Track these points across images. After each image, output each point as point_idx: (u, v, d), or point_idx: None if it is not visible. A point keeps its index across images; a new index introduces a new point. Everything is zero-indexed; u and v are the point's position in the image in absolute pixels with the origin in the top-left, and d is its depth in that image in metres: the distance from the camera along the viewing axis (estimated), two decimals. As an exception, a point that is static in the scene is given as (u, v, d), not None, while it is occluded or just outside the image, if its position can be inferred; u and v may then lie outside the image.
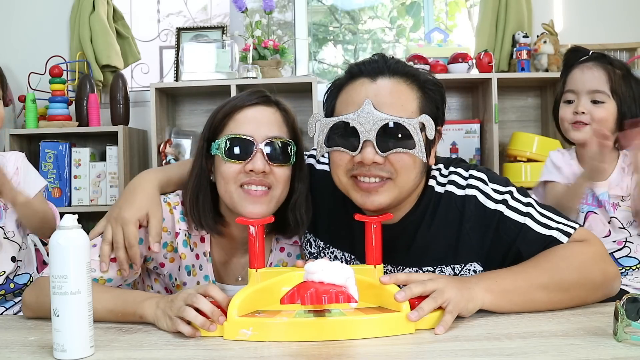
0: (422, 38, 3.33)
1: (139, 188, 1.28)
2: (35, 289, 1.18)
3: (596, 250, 1.18)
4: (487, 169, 1.29)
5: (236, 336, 0.97)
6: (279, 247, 1.40)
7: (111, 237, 1.20)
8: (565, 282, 1.11)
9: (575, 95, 1.58)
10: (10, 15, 3.09)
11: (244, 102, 1.25)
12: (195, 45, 2.84)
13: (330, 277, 0.94)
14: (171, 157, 2.78)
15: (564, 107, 1.61)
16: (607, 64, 1.56)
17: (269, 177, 1.22)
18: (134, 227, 1.21)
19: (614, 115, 1.54)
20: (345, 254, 1.35)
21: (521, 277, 1.11)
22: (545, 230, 1.18)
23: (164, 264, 1.31)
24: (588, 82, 1.56)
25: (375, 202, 1.17)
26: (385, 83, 1.17)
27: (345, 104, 1.19)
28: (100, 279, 1.20)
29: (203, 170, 1.28)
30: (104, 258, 1.19)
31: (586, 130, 1.55)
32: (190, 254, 1.32)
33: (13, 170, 1.56)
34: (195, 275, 1.33)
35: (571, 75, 1.61)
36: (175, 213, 1.30)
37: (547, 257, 1.15)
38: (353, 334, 0.96)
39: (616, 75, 1.54)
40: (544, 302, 1.10)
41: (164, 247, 1.29)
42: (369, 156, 1.13)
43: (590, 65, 1.58)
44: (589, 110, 1.55)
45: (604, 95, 1.54)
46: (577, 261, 1.13)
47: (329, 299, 0.92)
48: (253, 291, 1.06)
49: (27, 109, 2.77)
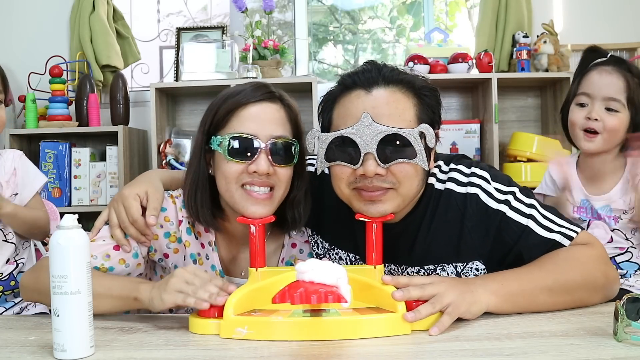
0: (422, 38, 3.33)
1: (141, 176, 1.35)
2: (35, 270, 1.20)
3: (598, 253, 1.18)
4: (490, 167, 1.28)
5: (232, 334, 0.97)
6: (290, 243, 1.39)
7: (116, 219, 1.23)
8: (569, 284, 1.11)
9: (590, 100, 1.51)
10: (10, 15, 3.09)
11: (248, 99, 1.23)
12: (195, 45, 2.85)
13: (321, 276, 0.94)
14: (171, 157, 2.78)
15: (576, 110, 1.54)
16: (627, 71, 1.49)
17: (272, 177, 1.21)
18: (134, 201, 1.22)
19: (625, 125, 1.48)
20: (349, 254, 1.35)
21: (526, 280, 1.10)
22: (548, 233, 1.18)
23: (168, 254, 1.30)
24: (605, 87, 1.49)
25: (380, 210, 1.16)
26: (381, 93, 1.16)
27: (343, 118, 1.18)
28: (102, 267, 1.21)
29: (201, 165, 1.27)
30: (121, 241, 1.23)
31: (597, 140, 1.49)
32: (195, 242, 1.31)
33: (10, 171, 1.55)
34: (202, 265, 1.32)
35: (587, 77, 1.53)
36: (178, 202, 1.31)
37: (551, 259, 1.15)
38: (348, 334, 0.96)
39: (634, 83, 1.48)
40: (547, 304, 1.10)
41: (166, 236, 1.29)
42: (371, 169, 1.12)
43: (609, 69, 1.50)
44: (601, 117, 1.48)
45: (619, 104, 1.47)
46: (580, 264, 1.13)
47: (318, 299, 0.92)
48: (250, 290, 1.06)
49: (27, 109, 2.77)
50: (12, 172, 1.55)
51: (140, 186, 1.27)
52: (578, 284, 1.11)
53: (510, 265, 1.16)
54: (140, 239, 1.25)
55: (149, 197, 1.25)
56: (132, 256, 1.25)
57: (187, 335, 1.01)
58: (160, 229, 1.28)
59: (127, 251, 1.24)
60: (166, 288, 1.04)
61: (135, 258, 1.25)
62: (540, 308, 1.10)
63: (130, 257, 1.25)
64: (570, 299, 1.11)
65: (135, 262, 1.26)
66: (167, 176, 1.39)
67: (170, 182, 1.37)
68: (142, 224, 1.23)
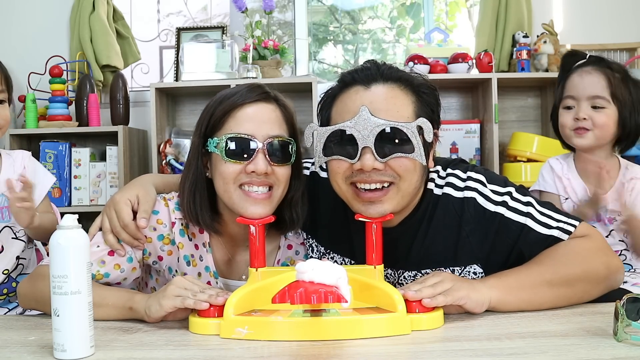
0: (422, 38, 3.33)
1: (133, 181, 1.35)
2: (32, 278, 1.21)
3: (598, 244, 1.18)
4: (486, 169, 1.28)
5: (232, 334, 0.97)
6: (286, 244, 1.39)
7: (109, 225, 1.23)
8: (570, 276, 1.11)
9: (575, 102, 1.56)
10: (10, 15, 3.09)
11: (244, 100, 1.23)
12: (195, 45, 2.84)
13: (321, 276, 0.94)
14: (171, 157, 2.78)
15: (564, 114, 1.59)
16: (606, 68, 1.54)
17: (270, 177, 1.21)
18: (125, 205, 1.23)
19: (614, 120, 1.53)
20: (345, 259, 1.35)
21: (524, 274, 1.12)
22: (546, 230, 1.19)
23: (162, 257, 1.30)
24: (588, 87, 1.54)
25: (380, 210, 1.16)
26: (380, 89, 1.16)
27: (341, 113, 1.18)
28: (97, 274, 1.21)
29: (199, 168, 1.27)
30: (115, 246, 1.23)
31: (589, 136, 1.55)
32: (188, 244, 1.31)
33: (20, 170, 1.56)
34: (196, 266, 1.32)
35: (570, 81, 1.59)
36: (170, 204, 1.31)
37: (550, 254, 1.16)
38: (348, 334, 0.97)
39: (615, 79, 1.53)
40: (549, 297, 1.10)
41: (160, 239, 1.29)
42: (369, 163, 1.13)
43: (589, 69, 1.56)
44: (589, 116, 1.53)
45: (604, 100, 1.52)
46: (579, 256, 1.14)
47: (318, 299, 0.92)
48: (250, 290, 1.06)
49: (27, 109, 2.76)
50: (21, 171, 1.56)
51: (132, 191, 1.28)
52: (578, 276, 1.12)
53: (513, 266, 1.17)
54: (133, 243, 1.25)
55: (139, 201, 1.26)
56: (126, 260, 1.25)
57: (187, 335, 1.01)
58: (154, 231, 1.28)
59: (121, 255, 1.24)
60: (165, 294, 1.05)
61: (130, 262, 1.26)
62: (542, 301, 1.10)
63: (125, 261, 1.25)
64: (571, 291, 1.12)
65: (130, 267, 1.26)
66: (160, 181, 1.40)
67: (163, 187, 1.38)
68: (134, 228, 1.23)
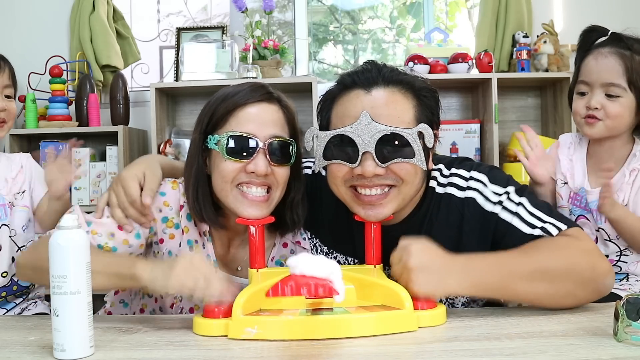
0: (422, 38, 3.32)
1: (140, 159, 1.35)
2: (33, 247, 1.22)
3: (585, 244, 1.13)
4: (491, 169, 1.27)
5: (241, 335, 0.97)
6: (282, 242, 1.39)
7: (116, 200, 1.23)
8: (549, 272, 1.06)
9: (589, 87, 1.42)
10: (11, 15, 3.09)
11: (247, 99, 1.22)
12: (195, 45, 2.84)
13: (312, 270, 0.96)
14: (171, 157, 2.78)
15: (577, 100, 1.45)
16: (626, 50, 1.38)
17: (269, 178, 1.21)
18: (132, 182, 1.23)
19: (630, 109, 1.39)
20: (348, 258, 1.35)
21: (496, 267, 1.06)
22: (529, 229, 1.16)
23: (163, 239, 1.29)
24: (603, 73, 1.39)
25: (380, 215, 1.16)
26: (380, 94, 1.16)
27: (342, 117, 1.17)
28: (105, 246, 1.20)
29: (200, 164, 1.27)
30: (122, 221, 1.22)
31: (599, 125, 1.41)
32: (193, 229, 1.30)
33: (17, 168, 1.56)
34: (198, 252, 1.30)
35: (585, 64, 1.44)
36: (181, 187, 1.30)
37: (529, 247, 1.11)
38: (357, 332, 0.97)
39: (635, 62, 1.37)
40: (526, 292, 1.06)
41: (164, 221, 1.28)
42: (370, 169, 1.12)
43: (605, 52, 1.40)
44: (602, 104, 1.39)
45: (620, 89, 1.38)
46: (562, 252, 1.09)
47: (308, 291, 0.95)
48: (257, 290, 1.06)
49: (27, 109, 2.76)
50: (18, 170, 1.56)
51: (139, 167, 1.27)
52: (559, 273, 1.06)
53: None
54: (139, 220, 1.24)
55: (146, 178, 1.25)
56: (134, 236, 1.24)
57: (187, 336, 1.01)
58: (159, 213, 1.28)
59: (129, 231, 1.23)
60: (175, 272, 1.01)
61: (138, 239, 1.25)
62: (518, 295, 1.07)
63: (132, 237, 1.24)
64: (552, 288, 1.06)
65: (138, 243, 1.25)
66: (168, 163, 1.38)
67: (170, 170, 1.36)
68: (140, 205, 1.23)
